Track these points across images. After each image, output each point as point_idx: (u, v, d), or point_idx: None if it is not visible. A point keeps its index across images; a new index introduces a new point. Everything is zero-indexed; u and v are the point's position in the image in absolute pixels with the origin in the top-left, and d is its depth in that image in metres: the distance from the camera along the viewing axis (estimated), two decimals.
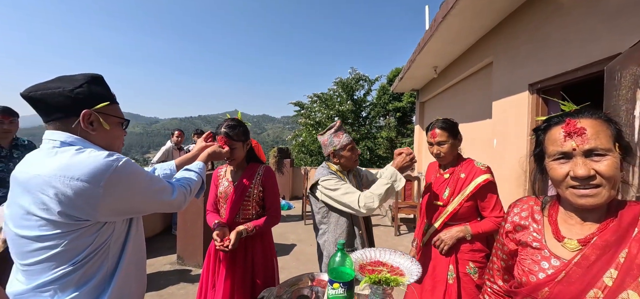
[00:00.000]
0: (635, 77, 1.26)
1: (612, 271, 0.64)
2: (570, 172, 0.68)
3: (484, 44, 3.38)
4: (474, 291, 1.52)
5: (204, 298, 1.57)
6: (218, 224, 1.49)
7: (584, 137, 0.67)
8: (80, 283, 0.80)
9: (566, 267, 0.69)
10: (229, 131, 1.49)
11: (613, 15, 1.69)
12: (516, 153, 2.70)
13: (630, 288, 0.61)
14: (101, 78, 0.90)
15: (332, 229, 1.58)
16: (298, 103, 14.67)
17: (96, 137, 0.87)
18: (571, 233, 0.73)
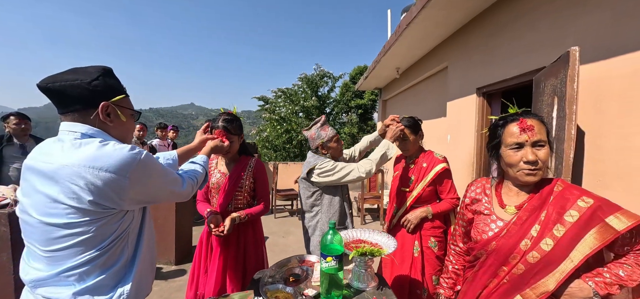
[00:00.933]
0: (553, 87, 1.61)
1: (537, 226, 0.92)
2: (523, 158, 0.92)
3: (441, 51, 3.79)
4: (435, 261, 1.81)
5: (195, 284, 1.63)
6: (211, 213, 1.55)
7: (533, 132, 0.91)
8: (105, 267, 0.85)
9: (507, 226, 0.97)
10: (227, 124, 1.55)
11: (542, 34, 2.08)
12: (466, 147, 3.12)
13: (547, 236, 0.89)
14: (112, 70, 0.92)
15: (325, 210, 1.74)
16: (262, 98, 14.45)
17: (113, 129, 0.90)
18: (511, 201, 1.01)
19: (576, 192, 0.91)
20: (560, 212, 0.89)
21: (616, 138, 1.52)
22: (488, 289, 1.00)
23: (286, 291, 1.21)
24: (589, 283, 0.86)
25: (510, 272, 0.94)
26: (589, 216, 0.86)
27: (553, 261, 0.88)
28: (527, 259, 0.91)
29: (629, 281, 0.85)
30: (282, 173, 6.60)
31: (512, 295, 0.93)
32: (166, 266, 3.25)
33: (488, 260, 1.00)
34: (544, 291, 0.88)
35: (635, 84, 1.44)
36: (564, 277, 0.86)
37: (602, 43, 1.60)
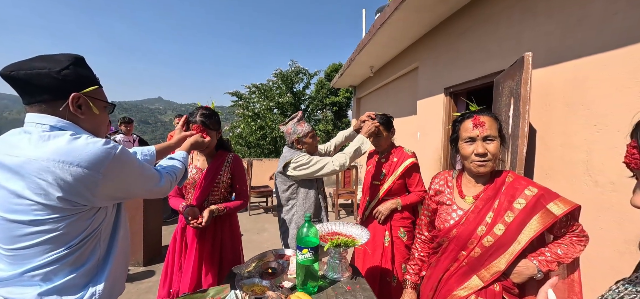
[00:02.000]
0: (510, 89, 1.77)
1: (491, 214, 1.02)
2: (474, 151, 1.02)
3: (412, 51, 3.95)
4: (404, 250, 1.92)
5: (169, 281, 1.58)
6: (188, 206, 1.52)
7: (484, 128, 1.02)
8: (75, 265, 0.81)
9: (466, 214, 1.07)
10: (205, 120, 1.52)
11: (502, 40, 2.26)
12: (434, 143, 3.30)
13: (499, 222, 1.00)
14: (84, 59, 0.87)
15: (301, 203, 1.77)
16: (235, 93, 14.10)
17: (84, 121, 0.85)
18: (469, 192, 1.11)
19: (524, 183, 1.03)
20: (511, 201, 1.01)
21: (560, 136, 1.71)
22: (449, 272, 1.10)
23: (263, 284, 1.22)
24: (533, 261, 0.99)
25: (469, 255, 1.04)
26: (533, 204, 0.97)
27: (504, 243, 0.99)
28: (483, 243, 1.01)
29: (565, 258, 0.97)
30: (257, 170, 6.52)
31: (470, 276, 1.04)
32: (134, 268, 3.10)
33: (449, 246, 1.10)
34: (497, 270, 1.00)
35: (576, 88, 1.63)
36: (513, 257, 0.98)
37: (551, 50, 1.78)
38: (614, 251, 1.40)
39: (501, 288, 1.02)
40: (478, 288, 1.03)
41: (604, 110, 1.49)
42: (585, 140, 1.58)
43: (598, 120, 1.51)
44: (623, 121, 1.40)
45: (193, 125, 1.51)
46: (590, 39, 1.55)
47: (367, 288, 1.25)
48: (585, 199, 1.53)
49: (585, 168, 1.57)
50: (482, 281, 1.02)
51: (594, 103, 1.53)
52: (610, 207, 1.43)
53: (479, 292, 1.03)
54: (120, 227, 0.94)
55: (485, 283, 1.02)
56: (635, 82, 1.35)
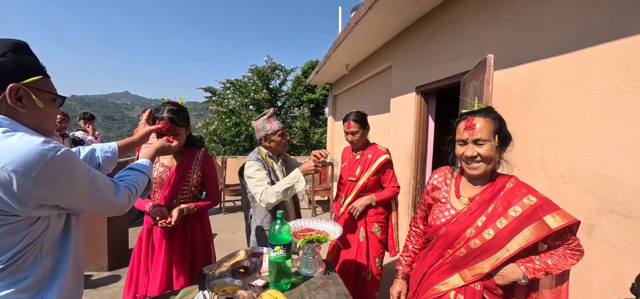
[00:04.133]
0: (474, 88, 1.86)
1: (483, 218, 1.01)
2: (464, 153, 1.02)
3: (386, 50, 4.04)
4: (378, 245, 1.97)
5: (134, 286, 1.50)
6: (156, 206, 1.45)
7: (474, 131, 1.00)
8: (10, 281, 0.73)
9: (458, 214, 1.06)
10: (173, 115, 1.43)
11: (468, 41, 2.37)
12: (406, 140, 3.41)
13: (490, 227, 0.99)
14: (27, 46, 0.79)
15: (258, 211, 1.73)
16: (209, 88, 13.64)
17: (25, 115, 0.76)
18: (466, 193, 1.09)
19: (524, 190, 0.99)
20: (506, 207, 0.98)
21: (519, 133, 1.83)
22: (433, 267, 1.12)
23: (234, 284, 1.20)
24: (521, 267, 0.98)
25: (454, 254, 1.05)
26: (529, 213, 0.95)
27: (491, 248, 0.99)
28: (470, 245, 1.02)
29: (554, 269, 0.96)
30: (231, 167, 6.37)
31: (452, 273, 1.07)
32: (97, 273, 2.91)
33: (437, 243, 1.11)
34: (480, 272, 1.01)
35: (532, 89, 1.75)
36: (498, 262, 0.99)
37: (511, 53, 1.90)
38: None
39: (482, 287, 1.03)
40: (459, 285, 1.05)
41: (555, 109, 1.62)
42: (539, 137, 1.70)
43: (551, 119, 1.64)
44: (572, 120, 1.53)
45: (159, 121, 1.41)
46: (544, 43, 1.68)
47: (340, 283, 1.28)
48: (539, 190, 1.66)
49: (539, 163, 1.70)
50: (463, 279, 1.04)
51: (547, 103, 1.66)
52: (560, 198, 1.57)
53: (459, 289, 1.05)
54: (71, 236, 0.85)
55: (466, 282, 1.04)
56: (582, 84, 1.48)
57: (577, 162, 1.50)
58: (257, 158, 1.71)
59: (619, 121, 1.33)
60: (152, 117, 1.42)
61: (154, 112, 1.45)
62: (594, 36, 1.43)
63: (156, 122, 1.41)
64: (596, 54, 1.42)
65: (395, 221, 2.07)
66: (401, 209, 3.34)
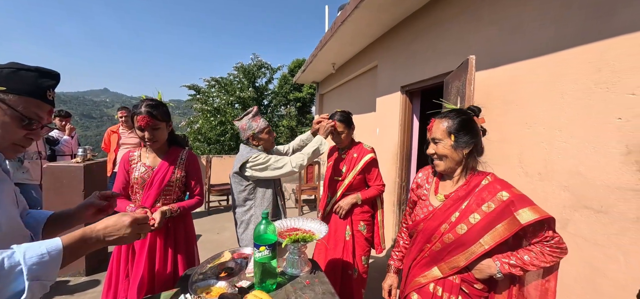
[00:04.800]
0: (457, 88, 1.91)
1: (456, 213, 1.06)
2: (428, 151, 1.14)
3: (372, 50, 4.07)
4: (364, 243, 1.99)
5: (113, 290, 1.44)
6: (137, 208, 1.39)
7: (431, 131, 1.12)
8: None
9: (434, 211, 1.12)
10: (152, 109, 1.39)
11: (451, 42, 2.42)
12: (392, 139, 3.45)
13: (463, 222, 1.04)
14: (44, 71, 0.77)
15: (259, 203, 1.73)
16: (193, 86, 13.33)
17: None
18: (443, 190, 1.15)
19: (498, 187, 1.03)
20: (480, 204, 1.03)
21: (498, 132, 1.89)
22: (415, 261, 1.18)
23: (218, 286, 1.18)
24: (496, 262, 1.02)
25: (431, 248, 1.12)
26: (502, 209, 0.98)
27: (465, 243, 1.03)
28: (444, 240, 1.07)
29: (530, 266, 0.98)
30: (217, 167, 6.25)
31: (431, 266, 1.13)
32: (74, 278, 2.79)
33: (417, 237, 1.18)
34: (456, 265, 1.07)
35: (511, 89, 1.81)
36: (473, 257, 1.03)
37: (492, 54, 1.96)
38: None
39: (460, 281, 1.08)
40: (437, 278, 1.11)
41: (533, 110, 1.68)
42: (518, 136, 1.77)
43: (529, 118, 1.70)
44: (548, 120, 1.59)
45: (138, 116, 1.36)
46: (523, 45, 1.74)
47: (326, 281, 1.27)
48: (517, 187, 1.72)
49: (518, 161, 1.76)
50: (441, 272, 1.10)
51: (526, 103, 1.72)
52: (537, 195, 1.63)
53: (437, 281, 1.11)
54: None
55: (444, 275, 1.09)
56: (557, 85, 1.54)
57: (553, 160, 1.56)
58: (257, 149, 1.74)
59: (591, 120, 1.39)
60: (132, 114, 1.37)
61: (133, 109, 1.40)
62: (568, 39, 1.49)
63: (134, 118, 1.37)
64: (570, 56, 1.48)
65: (380, 218, 2.10)
66: (387, 207, 3.39)
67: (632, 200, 1.24)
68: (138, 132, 1.42)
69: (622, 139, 1.27)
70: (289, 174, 1.71)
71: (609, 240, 1.32)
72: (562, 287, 1.52)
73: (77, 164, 2.77)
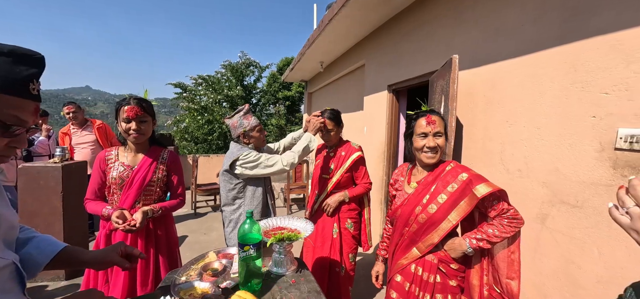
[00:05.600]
0: (441, 87, 1.94)
1: (427, 196, 1.20)
2: (426, 144, 1.21)
3: (360, 49, 4.09)
4: (351, 240, 2.00)
5: None
6: (117, 209, 1.35)
7: (434, 125, 1.20)
8: None
9: (408, 197, 1.25)
10: (140, 101, 1.38)
11: (435, 43, 2.46)
12: (379, 137, 3.48)
13: (433, 203, 1.17)
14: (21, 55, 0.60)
15: (248, 202, 1.71)
16: (179, 84, 13.05)
17: None
18: (416, 179, 1.29)
19: (459, 170, 1.20)
20: (445, 185, 1.18)
21: (481, 129, 1.94)
22: (397, 245, 1.30)
23: (202, 287, 1.16)
24: (466, 240, 1.18)
25: (409, 230, 1.25)
26: (463, 188, 1.15)
27: (436, 220, 1.18)
28: (418, 220, 1.21)
29: (494, 237, 1.13)
30: (203, 167, 6.16)
31: (410, 247, 1.26)
32: (53, 283, 2.68)
33: (397, 223, 1.31)
34: (431, 243, 1.20)
35: (493, 88, 1.86)
36: (444, 233, 1.16)
37: (475, 54, 2.00)
38: None
39: (438, 261, 1.22)
40: (417, 257, 1.24)
41: (514, 108, 1.72)
42: (499, 134, 1.81)
43: (509, 117, 1.75)
44: (528, 118, 1.64)
45: (126, 107, 1.34)
46: (504, 46, 1.78)
47: (312, 280, 1.27)
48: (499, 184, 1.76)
49: (499, 158, 1.81)
50: (419, 252, 1.23)
51: (507, 102, 1.77)
52: (517, 191, 1.68)
53: (417, 261, 1.24)
54: None
55: (422, 253, 1.23)
56: (536, 84, 1.59)
57: (532, 157, 1.61)
58: (247, 147, 1.75)
59: (568, 119, 1.44)
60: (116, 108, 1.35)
61: (121, 103, 1.37)
62: (546, 41, 1.54)
63: (121, 110, 1.34)
64: (548, 57, 1.53)
65: (367, 216, 2.11)
66: (373, 205, 3.42)
67: (605, 195, 1.29)
68: (123, 125, 1.38)
69: (596, 136, 1.33)
70: (280, 172, 1.71)
71: (584, 233, 1.37)
72: (541, 280, 1.57)
73: (55, 165, 2.65)
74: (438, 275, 1.22)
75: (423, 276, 1.23)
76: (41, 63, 0.64)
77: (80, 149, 3.55)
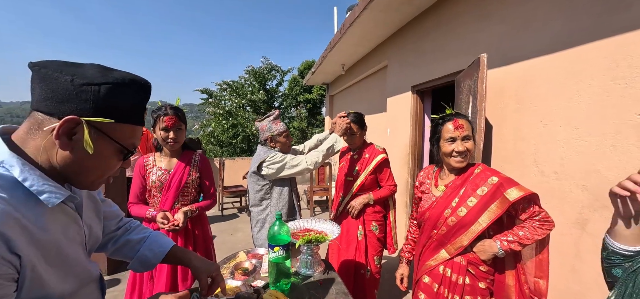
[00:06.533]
0: (469, 87, 1.89)
1: (456, 199, 1.20)
2: (455, 149, 1.20)
3: (382, 50, 4.06)
4: (377, 243, 1.99)
5: (138, 291, 1.50)
6: (161, 210, 1.46)
7: (462, 129, 1.19)
8: None
9: (437, 200, 1.26)
10: (176, 111, 1.49)
11: (461, 41, 2.40)
12: (403, 139, 3.43)
13: (462, 206, 1.17)
14: (131, 86, 0.61)
15: (275, 203, 1.77)
16: (206, 90, 13.61)
17: (62, 156, 0.58)
18: (443, 182, 1.31)
19: (489, 173, 1.20)
20: (474, 189, 1.18)
21: (513, 130, 1.86)
22: (425, 247, 1.33)
23: (234, 284, 1.22)
24: (496, 242, 1.17)
25: (438, 233, 1.25)
26: (494, 191, 1.14)
27: (466, 223, 1.17)
28: (448, 223, 1.21)
29: (525, 240, 1.12)
30: (229, 169, 6.37)
31: (439, 250, 1.27)
32: None
33: (425, 226, 1.31)
34: (460, 245, 1.20)
35: (525, 87, 1.78)
36: (474, 235, 1.15)
37: (503, 51, 1.93)
38: (556, 233, 1.55)
39: (467, 262, 1.21)
40: (445, 259, 1.24)
41: (548, 107, 1.64)
42: (532, 134, 1.73)
43: (544, 116, 1.67)
44: (564, 117, 1.56)
45: (165, 117, 1.45)
46: (535, 42, 1.71)
47: (339, 282, 1.29)
48: (533, 187, 1.67)
49: (533, 159, 1.73)
50: (448, 253, 1.23)
51: (540, 101, 1.69)
52: (553, 194, 1.60)
53: (446, 263, 1.24)
54: None
55: (451, 255, 1.23)
56: (573, 82, 1.51)
57: (570, 159, 1.53)
58: (274, 149, 1.80)
59: (610, 117, 1.36)
60: (156, 117, 1.45)
61: (157, 111, 1.47)
62: (582, 35, 1.46)
63: (159, 119, 1.44)
64: (585, 52, 1.45)
65: (393, 219, 2.10)
66: (398, 207, 3.37)
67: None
68: (161, 133, 1.48)
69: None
70: (305, 171, 1.75)
71: None
72: (582, 289, 1.48)
73: None
74: (467, 277, 1.21)
75: (451, 278, 1.23)
76: (150, 90, 0.67)
77: None
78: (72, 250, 0.64)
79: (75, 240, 0.66)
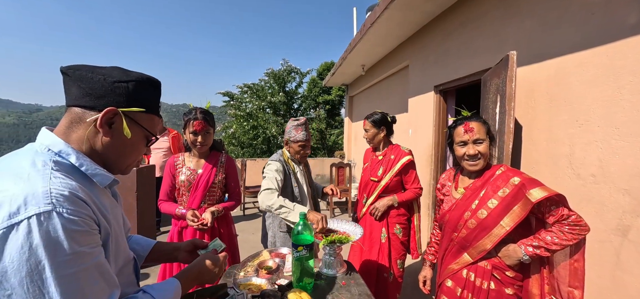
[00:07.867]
0: (496, 86, 1.82)
1: (476, 201, 1.17)
2: (466, 152, 1.20)
3: (403, 50, 4.00)
4: (400, 246, 1.97)
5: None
6: (190, 209, 1.53)
7: (473, 133, 1.18)
8: None
9: (456, 202, 1.24)
10: (205, 115, 1.55)
11: (487, 39, 2.32)
12: (426, 140, 3.36)
13: (482, 208, 1.15)
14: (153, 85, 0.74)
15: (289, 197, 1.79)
16: (227, 93, 14.00)
17: (103, 144, 0.67)
18: (463, 184, 1.27)
19: (510, 174, 1.16)
20: (495, 190, 1.15)
21: (545, 131, 1.77)
22: (447, 250, 1.28)
23: (258, 282, 1.25)
24: (521, 247, 1.12)
25: (459, 236, 1.23)
26: (516, 192, 1.10)
27: (487, 226, 1.14)
28: (468, 225, 1.19)
29: (553, 245, 1.06)
30: (250, 170, 6.51)
31: (461, 253, 1.24)
32: None
33: (446, 228, 1.30)
34: (482, 249, 1.17)
35: (558, 85, 1.69)
36: (497, 239, 1.12)
37: (534, 48, 1.84)
38: (594, 240, 1.47)
39: (492, 267, 1.17)
40: (468, 263, 1.21)
41: (584, 106, 1.55)
42: (567, 135, 1.64)
43: (579, 115, 1.58)
44: (602, 116, 1.46)
45: (194, 121, 1.52)
46: (569, 37, 1.62)
47: (361, 283, 1.29)
48: (568, 191, 1.59)
49: (568, 162, 1.64)
50: (471, 257, 1.20)
51: (576, 99, 1.60)
52: (591, 198, 1.50)
53: (469, 267, 1.21)
54: None
55: (473, 259, 1.19)
56: (612, 78, 1.42)
57: (609, 161, 1.43)
58: (279, 159, 1.76)
59: None
60: (186, 121, 1.52)
61: (187, 115, 1.54)
62: (622, 29, 1.36)
63: (189, 123, 1.51)
64: (626, 47, 1.35)
65: (417, 223, 2.06)
66: (422, 211, 3.29)
67: None
68: (191, 137, 1.55)
69: None
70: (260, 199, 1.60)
71: None
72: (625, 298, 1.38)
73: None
74: (492, 282, 1.17)
75: (476, 282, 1.19)
76: (160, 87, 0.79)
77: (155, 153, 4.02)
78: (119, 230, 0.73)
79: (119, 221, 0.75)
